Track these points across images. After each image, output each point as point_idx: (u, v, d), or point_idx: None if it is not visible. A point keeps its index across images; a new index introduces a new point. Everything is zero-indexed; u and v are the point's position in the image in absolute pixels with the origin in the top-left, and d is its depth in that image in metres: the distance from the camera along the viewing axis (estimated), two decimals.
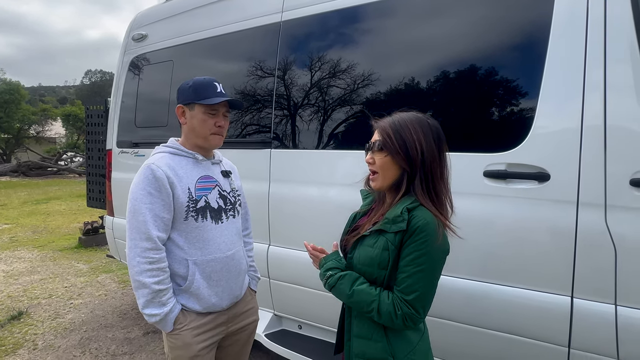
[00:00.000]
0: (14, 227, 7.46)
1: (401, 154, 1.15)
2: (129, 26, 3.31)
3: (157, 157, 1.48)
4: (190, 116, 1.52)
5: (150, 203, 1.39)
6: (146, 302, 1.39)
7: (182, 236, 1.46)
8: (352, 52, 2.10)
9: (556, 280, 1.55)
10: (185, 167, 1.49)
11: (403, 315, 1.09)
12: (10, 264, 5.17)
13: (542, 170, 1.55)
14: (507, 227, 1.63)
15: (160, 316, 1.40)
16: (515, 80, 1.66)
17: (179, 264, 1.46)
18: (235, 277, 1.59)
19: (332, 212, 2.05)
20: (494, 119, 1.73)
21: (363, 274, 1.19)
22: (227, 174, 1.65)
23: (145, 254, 1.37)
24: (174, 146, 1.54)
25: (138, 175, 1.44)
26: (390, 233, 1.12)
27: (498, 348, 1.69)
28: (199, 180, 1.51)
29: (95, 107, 4.20)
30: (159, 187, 1.40)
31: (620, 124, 1.43)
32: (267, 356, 2.83)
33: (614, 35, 1.44)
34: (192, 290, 1.46)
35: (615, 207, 1.43)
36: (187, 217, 1.45)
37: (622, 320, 1.42)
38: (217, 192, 1.55)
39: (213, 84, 1.53)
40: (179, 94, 1.56)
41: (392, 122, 1.19)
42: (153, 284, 1.37)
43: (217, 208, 1.53)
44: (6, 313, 3.62)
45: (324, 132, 2.18)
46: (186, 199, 1.45)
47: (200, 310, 1.49)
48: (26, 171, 17.71)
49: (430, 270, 1.11)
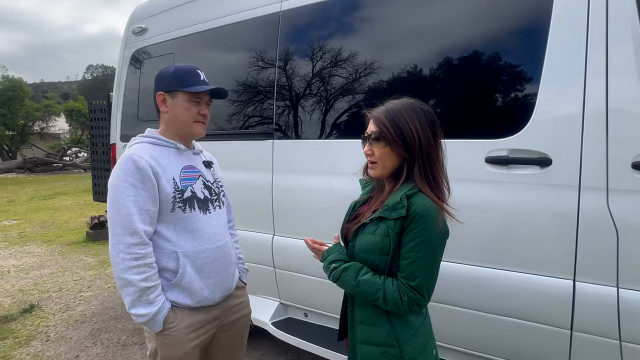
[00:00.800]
0: (22, 222, 7.56)
1: (399, 143, 1.15)
2: (129, 20, 3.31)
3: (137, 147, 1.41)
4: (172, 104, 1.45)
5: (135, 195, 1.32)
6: (133, 302, 1.31)
7: (169, 228, 1.40)
8: (350, 40, 2.09)
9: (559, 264, 1.56)
10: (167, 157, 1.43)
11: (409, 301, 1.11)
12: (20, 259, 5.25)
13: (543, 155, 1.55)
14: (510, 213, 1.64)
15: (148, 316, 1.31)
16: (517, 66, 1.66)
17: (167, 258, 1.39)
18: (227, 268, 1.53)
19: (336, 201, 2.06)
20: (495, 105, 1.73)
21: (365, 261, 1.20)
22: (209, 164, 1.61)
23: (130, 250, 1.29)
24: (154, 136, 1.47)
25: (118, 167, 1.35)
26: (391, 220, 1.14)
27: (502, 332, 1.71)
28: (183, 170, 1.45)
29: (98, 102, 4.22)
30: (142, 178, 1.33)
31: (622, 107, 1.42)
32: (274, 344, 2.88)
33: (616, 17, 1.43)
34: (183, 284, 1.39)
35: (617, 191, 1.43)
36: (174, 208, 1.39)
37: (624, 302, 1.44)
38: (201, 183, 1.50)
39: (196, 71, 1.47)
40: (159, 80, 1.49)
41: (387, 112, 1.19)
42: (140, 281, 1.29)
43: (203, 198, 1.48)
44: (18, 306, 3.70)
45: (326, 121, 2.18)
46: (172, 189, 1.39)
47: (192, 305, 1.42)
48: (32, 167, 17.85)
49: (432, 255, 1.13)
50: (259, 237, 2.46)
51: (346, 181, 2.05)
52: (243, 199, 2.52)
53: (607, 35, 1.44)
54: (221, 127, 2.65)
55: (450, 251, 1.71)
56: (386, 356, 1.15)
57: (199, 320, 1.45)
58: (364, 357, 1.20)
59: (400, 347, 1.14)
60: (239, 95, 2.56)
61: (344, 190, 2.05)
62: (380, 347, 1.16)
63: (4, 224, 7.43)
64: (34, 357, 2.85)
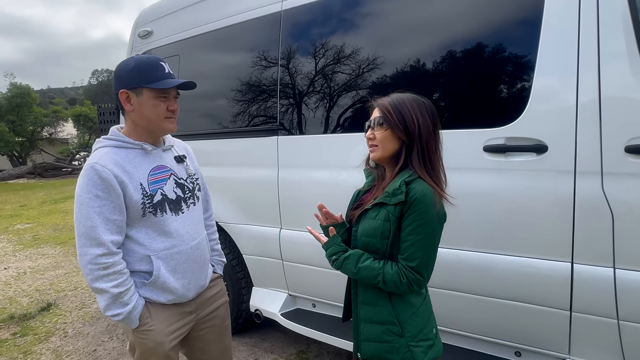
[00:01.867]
0: (36, 226, 7.73)
1: (400, 127, 1.22)
2: (135, 23, 3.39)
3: (99, 155, 1.34)
4: (138, 102, 1.36)
5: (99, 206, 1.29)
6: (107, 306, 1.33)
7: (141, 232, 1.38)
8: (347, 37, 2.15)
9: (557, 248, 1.61)
10: (133, 161, 1.37)
11: (408, 282, 1.18)
12: (35, 260, 5.40)
13: (539, 142, 1.60)
14: (508, 199, 1.69)
15: (123, 314, 1.33)
16: (511, 56, 1.70)
17: (140, 262, 1.39)
18: (200, 266, 1.54)
19: (339, 193, 2.11)
20: (492, 94, 1.78)
21: (367, 244, 1.27)
22: (181, 159, 1.54)
23: (97, 261, 1.28)
24: (118, 138, 1.39)
25: (82, 177, 1.31)
26: (391, 205, 1.20)
27: (503, 315, 1.76)
28: (152, 173, 1.40)
29: (107, 105, 4.32)
30: (106, 188, 1.29)
31: (614, 94, 1.46)
32: (284, 335, 2.95)
33: (607, 6, 1.47)
34: (158, 284, 1.40)
35: (612, 174, 1.48)
36: (145, 213, 1.36)
37: (621, 282, 1.49)
38: (173, 182, 1.46)
39: (159, 63, 1.38)
40: (120, 77, 1.38)
41: (391, 100, 1.27)
42: (112, 288, 1.30)
43: (175, 199, 1.44)
44: (36, 305, 3.82)
45: (328, 117, 2.24)
46: (140, 196, 1.34)
47: (165, 302, 1.43)
48: (42, 172, 18.16)
49: (430, 237, 1.19)
50: (267, 230, 2.53)
51: (349, 174, 2.12)
52: (250, 194, 2.60)
53: (599, 24, 1.48)
54: (227, 126, 2.72)
55: (451, 238, 1.78)
56: (388, 334, 1.22)
57: (174, 315, 1.46)
58: (368, 335, 1.26)
59: (401, 325, 1.21)
60: (243, 94, 2.62)
61: (346, 182, 2.11)
62: (383, 326, 1.23)
63: (18, 228, 7.60)
64: (53, 352, 2.96)
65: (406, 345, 1.20)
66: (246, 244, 2.68)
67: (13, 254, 5.75)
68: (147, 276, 1.41)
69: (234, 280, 2.80)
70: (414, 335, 1.21)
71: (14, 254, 5.78)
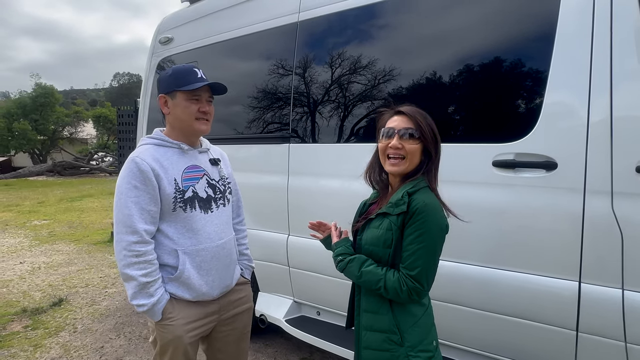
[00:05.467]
0: (52, 222, 7.92)
1: (433, 143, 1.27)
2: (156, 30, 3.50)
3: (141, 150, 1.46)
4: (173, 105, 1.49)
5: (136, 196, 1.38)
6: (134, 294, 1.39)
7: (171, 227, 1.46)
8: (363, 48, 2.18)
9: (564, 266, 1.59)
10: (170, 158, 1.47)
11: (408, 290, 1.19)
12: (50, 256, 5.53)
13: (549, 159, 1.60)
14: (517, 215, 1.68)
15: (147, 306, 1.39)
16: (523, 72, 1.71)
17: (169, 255, 1.46)
18: (226, 266, 1.58)
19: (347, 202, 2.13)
20: (502, 110, 1.78)
21: (370, 252, 1.29)
22: (216, 161, 1.63)
23: (131, 247, 1.37)
24: (159, 137, 1.51)
25: (123, 169, 1.42)
26: (394, 215, 1.22)
27: (509, 332, 1.74)
28: (186, 171, 1.49)
29: (126, 107, 4.45)
30: (144, 180, 1.39)
31: (626, 113, 1.46)
32: (288, 342, 2.96)
33: (620, 25, 1.47)
34: (182, 279, 1.46)
35: (622, 194, 1.46)
36: (175, 208, 1.44)
37: (629, 304, 1.46)
38: (205, 182, 1.54)
39: (193, 70, 1.49)
40: (159, 84, 1.52)
41: (419, 112, 1.28)
42: (140, 277, 1.37)
43: (206, 197, 1.52)
44: (48, 300, 3.91)
45: (341, 127, 2.27)
46: (173, 190, 1.43)
47: (190, 299, 1.48)
48: (61, 171, 18.63)
49: (431, 247, 1.20)
50: (275, 236, 2.56)
51: (360, 184, 2.13)
52: (260, 200, 2.63)
53: (612, 43, 1.48)
54: (240, 132, 2.77)
55: (458, 251, 1.78)
56: (388, 342, 1.23)
57: (196, 313, 1.51)
58: (368, 342, 1.27)
59: (402, 334, 1.22)
60: (258, 102, 2.68)
61: (357, 192, 2.12)
62: (383, 334, 1.24)
63: (35, 224, 7.81)
64: (62, 347, 3.02)
65: (405, 354, 1.20)
66: (254, 249, 2.68)
67: (29, 249, 5.90)
68: (172, 271, 1.47)
69: None
70: (414, 345, 1.21)
71: (30, 249, 5.94)
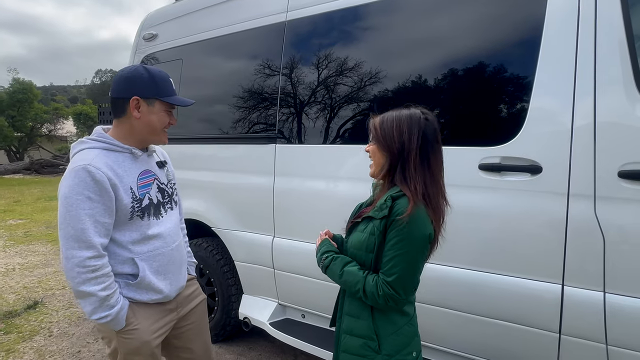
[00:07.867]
0: (28, 222, 7.66)
1: (382, 142, 1.25)
2: (140, 26, 3.42)
3: (91, 156, 1.33)
4: (148, 111, 1.41)
5: (91, 209, 1.28)
6: (94, 309, 1.32)
7: (125, 235, 1.40)
8: (351, 50, 2.17)
9: (548, 269, 1.61)
10: (123, 165, 1.39)
11: (385, 296, 1.17)
12: (25, 257, 5.34)
13: (534, 163, 1.61)
14: (502, 218, 1.69)
15: (112, 316, 1.34)
16: (509, 77, 1.73)
17: (124, 265, 1.40)
18: (179, 267, 1.59)
19: (333, 203, 2.13)
20: (489, 114, 1.80)
21: (354, 257, 1.28)
22: (163, 164, 1.60)
23: (86, 263, 1.28)
24: (108, 140, 1.40)
25: (70, 178, 1.29)
26: (377, 219, 1.20)
27: (493, 334, 1.75)
28: (140, 177, 1.43)
29: (107, 105, 4.33)
30: (99, 190, 1.29)
31: (609, 119, 1.48)
32: (272, 345, 2.92)
33: (604, 32, 1.50)
34: (144, 285, 1.43)
35: (604, 198, 1.49)
36: (133, 217, 1.39)
37: (610, 306, 1.48)
38: (156, 186, 1.50)
39: (169, 80, 1.46)
40: (132, 83, 1.39)
41: (382, 116, 1.29)
42: (99, 291, 1.30)
43: (157, 203, 1.49)
44: (23, 302, 3.76)
45: (327, 128, 2.26)
46: (130, 199, 1.37)
47: (148, 301, 1.46)
48: (39, 169, 18.07)
49: (411, 254, 1.17)
50: (260, 238, 2.52)
51: (344, 185, 2.12)
52: (245, 201, 2.59)
53: (596, 50, 1.51)
54: (225, 131, 2.73)
55: (443, 254, 1.77)
56: (365, 348, 1.21)
57: (157, 312, 1.49)
58: (346, 346, 1.26)
59: (379, 341, 1.20)
60: (243, 101, 2.64)
61: (341, 193, 2.12)
62: (361, 339, 1.22)
63: (10, 223, 7.53)
64: (37, 352, 2.91)
65: None
66: (238, 250, 2.67)
67: (3, 250, 5.69)
68: (131, 278, 1.43)
69: (225, 287, 2.78)
70: (391, 354, 1.19)
71: (4, 249, 5.72)
